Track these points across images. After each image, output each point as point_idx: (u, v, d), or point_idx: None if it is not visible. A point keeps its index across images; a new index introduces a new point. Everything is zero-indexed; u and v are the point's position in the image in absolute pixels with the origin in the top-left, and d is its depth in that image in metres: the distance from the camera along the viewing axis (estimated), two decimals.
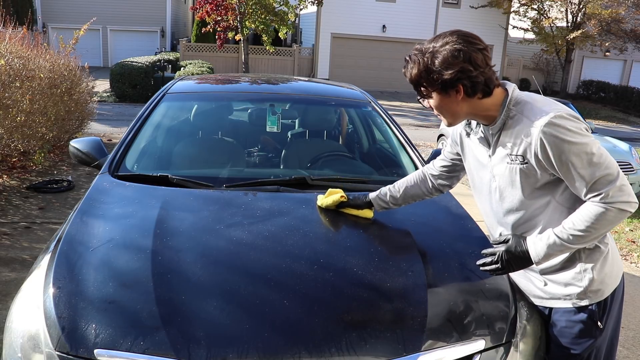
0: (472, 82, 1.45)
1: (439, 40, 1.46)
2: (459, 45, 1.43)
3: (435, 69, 1.45)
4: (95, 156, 2.61)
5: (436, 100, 1.52)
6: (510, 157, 1.52)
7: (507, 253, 1.55)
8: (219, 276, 1.66)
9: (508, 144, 1.52)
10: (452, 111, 1.53)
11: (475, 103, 1.50)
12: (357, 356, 1.43)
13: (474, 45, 1.45)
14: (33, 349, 1.48)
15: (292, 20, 16.94)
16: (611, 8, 17.64)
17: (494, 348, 1.55)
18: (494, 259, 1.57)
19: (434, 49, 1.46)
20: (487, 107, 1.52)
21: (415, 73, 1.49)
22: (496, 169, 1.59)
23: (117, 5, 23.09)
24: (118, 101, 14.02)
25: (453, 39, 1.45)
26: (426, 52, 1.47)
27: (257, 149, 3.06)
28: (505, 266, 1.56)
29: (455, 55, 1.42)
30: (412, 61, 1.50)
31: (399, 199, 1.98)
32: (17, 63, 5.29)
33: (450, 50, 1.43)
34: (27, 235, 4.12)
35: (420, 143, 10.35)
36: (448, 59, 1.43)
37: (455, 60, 1.42)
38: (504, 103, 1.51)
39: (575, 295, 1.58)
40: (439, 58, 1.44)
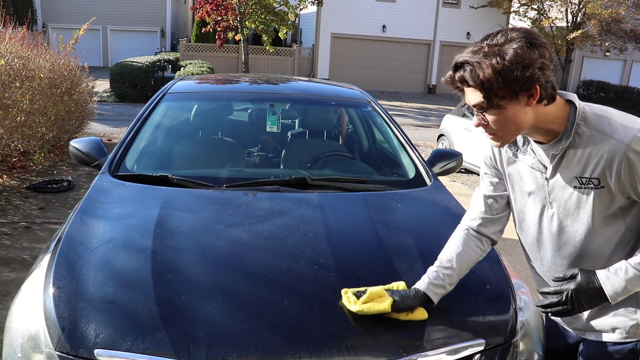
0: (547, 81, 1.23)
1: (495, 38, 1.23)
2: (528, 40, 1.21)
3: (512, 68, 1.19)
4: (95, 156, 2.61)
5: (502, 111, 1.25)
6: (580, 180, 1.31)
7: (578, 292, 1.31)
8: (219, 276, 1.66)
9: (577, 165, 1.30)
10: (517, 123, 1.26)
11: (541, 112, 1.27)
12: (357, 356, 1.43)
13: (540, 39, 1.24)
14: (33, 349, 1.48)
15: (292, 20, 16.94)
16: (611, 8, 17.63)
17: (494, 348, 1.55)
18: (561, 299, 1.32)
19: (499, 47, 1.21)
20: (551, 118, 1.29)
21: (489, 73, 1.20)
22: (556, 195, 1.37)
23: (117, 5, 23.09)
24: (118, 101, 14.02)
25: (516, 34, 1.22)
26: (491, 51, 1.21)
27: (257, 149, 3.06)
28: (575, 306, 1.32)
29: (528, 50, 1.20)
30: (478, 62, 1.22)
31: (454, 276, 1.57)
32: (17, 63, 5.29)
33: (521, 45, 1.20)
34: (27, 235, 4.12)
35: (420, 143, 10.35)
36: (523, 54, 1.19)
37: (532, 55, 1.20)
38: (572, 117, 1.29)
39: (625, 329, 1.40)
40: (510, 54, 1.19)
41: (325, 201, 2.18)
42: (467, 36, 22.11)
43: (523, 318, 1.71)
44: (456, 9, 21.74)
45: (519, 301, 1.75)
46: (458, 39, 22.07)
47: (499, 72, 1.20)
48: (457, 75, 1.27)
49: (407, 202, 2.30)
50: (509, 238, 4.91)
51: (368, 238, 1.97)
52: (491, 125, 1.28)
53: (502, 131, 1.29)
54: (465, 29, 21.92)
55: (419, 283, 1.57)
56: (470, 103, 1.28)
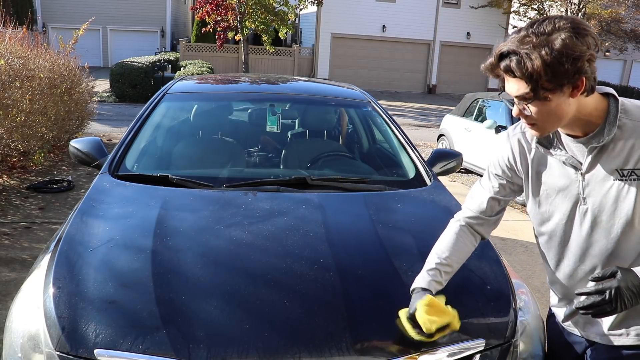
0: (592, 72, 1.20)
1: (542, 25, 1.18)
2: (576, 30, 1.17)
3: (562, 59, 1.15)
4: (95, 156, 2.61)
5: (550, 102, 1.21)
6: (622, 173, 1.27)
7: (621, 289, 1.23)
8: (219, 276, 1.66)
9: (618, 157, 1.27)
10: (560, 114, 1.24)
11: (582, 103, 1.25)
12: (357, 356, 1.43)
13: (587, 28, 1.18)
14: (33, 349, 1.48)
15: (292, 20, 16.95)
16: (611, 8, 17.65)
17: (494, 348, 1.55)
18: (605, 298, 1.23)
19: (547, 36, 1.16)
20: (591, 110, 1.27)
21: (539, 65, 1.16)
22: (592, 189, 1.33)
23: (117, 5, 23.10)
24: (118, 101, 14.02)
25: (563, 23, 1.17)
26: (540, 42, 1.17)
27: (257, 149, 3.06)
28: (618, 305, 1.24)
29: (577, 41, 1.15)
30: (527, 53, 1.17)
31: (452, 274, 1.56)
32: (17, 63, 5.29)
33: (569, 36, 1.15)
34: (27, 235, 4.12)
35: (420, 143, 10.35)
36: (572, 46, 1.15)
37: (581, 47, 1.15)
38: (614, 109, 1.27)
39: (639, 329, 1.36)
40: (559, 45, 1.15)
41: (325, 201, 2.18)
42: (467, 36, 22.11)
43: (523, 318, 1.71)
44: (456, 9, 21.75)
45: (519, 301, 1.75)
46: (458, 39, 22.09)
47: (548, 64, 1.16)
48: (503, 64, 1.22)
49: (407, 202, 2.30)
50: (509, 238, 4.91)
51: (368, 238, 1.97)
52: (533, 115, 1.25)
53: (543, 122, 1.26)
54: (465, 29, 21.93)
55: (421, 282, 1.51)
56: (512, 93, 1.24)
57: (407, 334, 1.44)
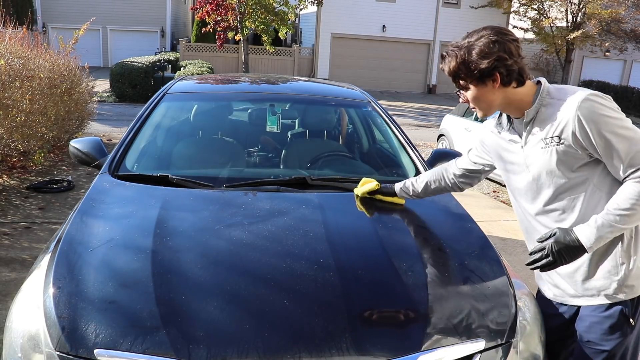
0: (508, 70, 1.53)
1: (474, 35, 1.57)
2: (494, 37, 1.53)
3: (473, 60, 1.54)
4: (95, 156, 2.61)
5: (473, 91, 1.60)
6: (545, 141, 1.57)
7: (557, 244, 1.53)
8: (219, 276, 1.66)
9: (542, 129, 1.57)
10: (488, 101, 1.60)
11: (510, 92, 1.58)
12: (357, 356, 1.43)
13: (507, 36, 1.55)
14: (33, 349, 1.48)
15: (292, 20, 16.94)
16: (611, 8, 17.62)
17: (494, 348, 1.55)
18: (544, 254, 1.55)
19: (469, 43, 1.56)
20: (521, 96, 1.59)
21: (454, 65, 1.58)
22: (530, 158, 1.62)
23: (117, 5, 23.09)
24: (118, 101, 14.02)
25: (487, 32, 1.55)
26: (462, 46, 1.57)
27: (257, 149, 3.06)
28: (557, 258, 1.53)
29: (491, 46, 1.52)
30: (450, 55, 1.59)
31: (420, 193, 2.12)
32: (17, 63, 5.29)
33: (485, 42, 1.53)
34: (27, 235, 4.12)
35: (420, 143, 10.35)
36: (485, 49, 1.53)
37: (492, 50, 1.52)
38: (538, 92, 1.58)
39: (610, 289, 1.59)
40: (476, 49, 1.54)
41: (325, 201, 2.19)
42: None
43: (523, 318, 1.71)
44: (456, 9, 21.75)
45: (519, 301, 1.75)
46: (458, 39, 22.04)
47: (459, 65, 1.57)
48: (441, 65, 1.66)
49: (407, 202, 2.30)
50: (509, 238, 4.91)
51: (368, 238, 1.97)
52: (469, 100, 1.64)
53: (477, 105, 1.64)
54: (465, 29, 21.33)
55: (396, 185, 2.17)
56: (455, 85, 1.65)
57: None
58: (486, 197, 6.54)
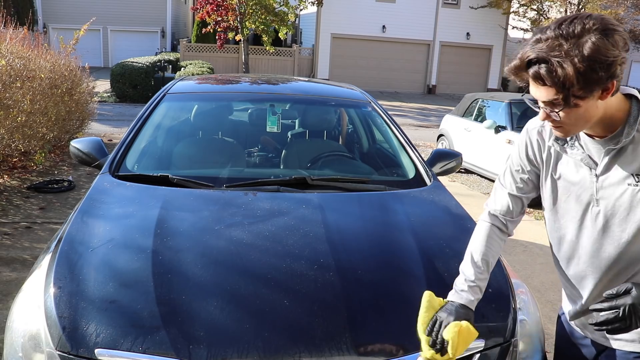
0: (622, 73, 1.15)
1: (571, 27, 1.12)
2: (607, 31, 1.11)
3: (595, 67, 1.10)
4: (96, 156, 2.62)
5: (579, 107, 1.16)
6: (637, 178, 1.24)
7: (635, 306, 1.20)
8: (219, 276, 1.66)
9: (635, 161, 1.24)
10: (589, 117, 1.19)
11: (609, 103, 1.20)
12: (357, 356, 1.43)
13: (617, 28, 1.13)
14: (34, 349, 1.48)
15: (292, 21, 16.95)
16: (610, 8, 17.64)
17: (494, 348, 1.56)
18: (618, 315, 1.21)
19: (577, 39, 1.10)
20: (614, 111, 1.22)
21: (571, 74, 1.10)
22: (605, 192, 1.29)
23: (118, 5, 23.11)
24: (118, 101, 14.03)
25: (592, 23, 1.11)
26: (568, 45, 1.11)
27: (257, 149, 3.06)
28: (633, 322, 1.21)
29: (609, 44, 1.10)
30: (558, 62, 1.11)
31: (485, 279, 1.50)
32: (18, 63, 5.29)
33: (599, 37, 1.10)
34: (28, 235, 4.12)
35: (420, 143, 10.35)
36: (605, 51, 1.09)
37: (612, 48, 1.10)
38: (635, 111, 1.23)
39: None
40: (591, 50, 1.09)
41: (325, 201, 2.19)
42: (467, 36, 22.12)
43: (523, 318, 1.71)
44: (456, 9, 21.75)
45: (518, 301, 1.75)
46: (458, 39, 22.09)
47: (581, 73, 1.10)
48: (531, 71, 1.15)
49: (407, 202, 2.30)
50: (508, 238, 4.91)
51: (368, 238, 1.97)
52: (562, 120, 1.20)
53: (570, 125, 1.22)
54: (464, 29, 21.93)
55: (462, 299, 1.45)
56: (540, 99, 1.19)
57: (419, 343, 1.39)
58: (486, 197, 6.53)
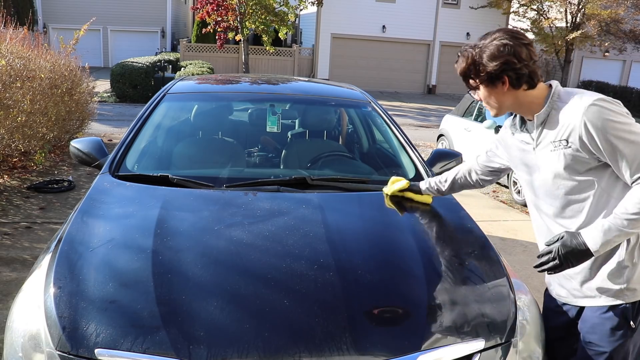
0: (517, 74, 1.57)
1: (488, 37, 1.61)
2: (505, 40, 1.56)
3: (482, 62, 1.58)
4: (96, 156, 2.62)
5: (483, 92, 1.65)
6: (554, 144, 1.59)
7: (564, 247, 1.55)
8: (219, 276, 1.66)
9: (551, 132, 1.59)
10: (498, 102, 1.64)
11: (520, 95, 1.61)
12: (357, 356, 1.43)
13: (519, 40, 1.57)
14: (34, 349, 1.48)
15: (292, 21, 16.95)
16: (610, 8, 17.63)
17: (494, 348, 1.56)
18: (551, 257, 1.57)
19: (482, 45, 1.60)
20: (531, 99, 1.62)
21: (464, 66, 1.64)
22: (541, 160, 1.65)
23: (118, 5, 23.11)
24: (118, 101, 14.03)
25: (500, 35, 1.58)
26: (476, 48, 1.62)
27: (257, 149, 3.06)
28: (563, 261, 1.55)
29: (501, 49, 1.55)
30: (463, 56, 1.65)
31: (445, 191, 2.18)
32: (18, 63, 5.29)
33: (496, 45, 1.56)
34: (28, 235, 4.12)
35: (420, 143, 10.35)
36: (494, 52, 1.56)
37: (501, 53, 1.55)
38: (548, 96, 1.61)
39: (611, 292, 1.60)
40: (487, 52, 1.58)
41: (325, 201, 2.19)
42: (467, 36, 22.10)
43: (523, 318, 1.71)
44: (456, 9, 21.75)
45: (518, 301, 1.75)
46: (458, 39, 22.08)
47: (469, 66, 1.63)
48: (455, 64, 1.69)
49: (407, 202, 2.30)
50: (508, 238, 4.92)
51: (368, 238, 1.97)
52: (481, 99, 1.68)
53: (488, 104, 1.68)
54: (464, 29, 21.93)
55: (422, 184, 2.23)
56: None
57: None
58: (486, 197, 6.54)
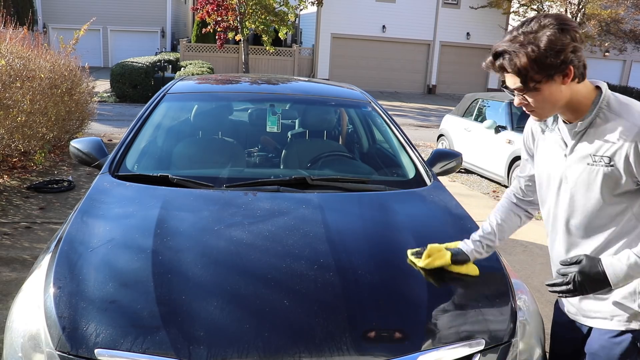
0: (580, 61, 1.36)
1: (530, 25, 1.35)
2: (560, 25, 1.33)
3: (546, 53, 1.32)
4: (96, 156, 2.62)
5: (542, 91, 1.37)
6: (594, 158, 1.42)
7: (581, 274, 1.41)
8: (219, 276, 1.66)
9: (593, 143, 1.42)
10: (554, 100, 1.39)
11: (574, 89, 1.40)
12: (357, 356, 1.43)
13: (571, 23, 1.35)
14: (34, 349, 1.48)
15: (292, 21, 16.96)
16: (610, 8, 17.65)
17: (494, 348, 1.55)
18: (566, 280, 1.43)
19: (534, 35, 1.33)
20: (581, 97, 1.41)
21: (525, 62, 1.33)
22: (571, 170, 1.48)
23: (118, 5, 23.11)
24: (118, 101, 14.03)
25: (549, 21, 1.34)
26: (526, 39, 1.34)
27: (257, 149, 3.06)
28: (578, 288, 1.42)
29: (560, 35, 1.32)
30: (513, 51, 1.34)
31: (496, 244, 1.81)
32: (18, 63, 5.29)
33: (553, 32, 1.32)
34: (28, 235, 4.12)
35: (420, 143, 10.35)
36: (556, 40, 1.31)
37: (564, 40, 1.32)
38: (597, 100, 1.42)
39: (624, 316, 1.49)
40: (544, 41, 1.32)
41: (325, 201, 2.19)
42: (467, 36, 22.12)
43: (523, 318, 1.71)
44: (456, 9, 21.75)
45: (518, 301, 1.75)
46: (458, 39, 22.09)
47: (534, 59, 1.33)
48: (497, 63, 1.39)
49: (407, 202, 2.30)
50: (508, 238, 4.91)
51: (368, 238, 1.97)
52: (531, 104, 1.42)
53: (540, 108, 1.43)
54: (465, 29, 21.93)
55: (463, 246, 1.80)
56: (510, 86, 1.41)
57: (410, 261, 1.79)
58: (486, 197, 6.53)
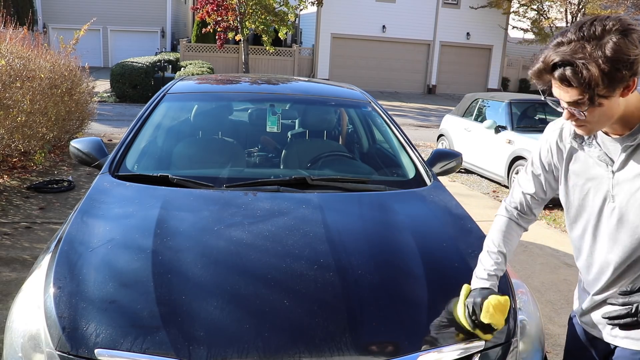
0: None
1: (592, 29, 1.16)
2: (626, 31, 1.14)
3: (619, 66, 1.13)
4: (96, 156, 2.62)
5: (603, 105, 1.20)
6: None
7: None
8: (219, 276, 1.66)
9: None
10: (611, 114, 1.23)
11: (628, 100, 1.24)
12: (357, 356, 1.43)
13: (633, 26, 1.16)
14: (34, 349, 1.48)
15: (292, 21, 16.96)
16: (610, 8, 17.65)
17: (493, 348, 1.56)
18: (630, 311, 1.28)
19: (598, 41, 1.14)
20: (634, 108, 1.25)
21: (597, 74, 1.14)
22: (620, 188, 1.32)
23: (118, 5, 23.13)
24: (118, 101, 14.04)
25: (612, 24, 1.15)
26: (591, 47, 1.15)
27: (257, 149, 3.06)
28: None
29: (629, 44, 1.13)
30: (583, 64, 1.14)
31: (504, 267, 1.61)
32: (18, 63, 5.29)
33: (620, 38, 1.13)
34: (28, 235, 4.12)
35: (420, 143, 10.35)
36: (626, 50, 1.13)
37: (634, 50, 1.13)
38: None
39: None
40: (612, 50, 1.13)
41: (325, 201, 2.19)
42: (467, 36, 22.12)
43: (523, 318, 1.72)
44: (456, 9, 21.76)
45: (518, 301, 1.75)
46: (458, 39, 22.10)
47: (605, 73, 1.14)
48: (557, 73, 1.19)
49: (407, 202, 2.30)
50: None
51: (368, 238, 1.97)
52: (586, 119, 1.23)
53: (594, 123, 1.25)
54: (464, 29, 21.94)
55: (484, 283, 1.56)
56: (564, 99, 1.23)
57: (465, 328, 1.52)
58: (486, 197, 6.53)
